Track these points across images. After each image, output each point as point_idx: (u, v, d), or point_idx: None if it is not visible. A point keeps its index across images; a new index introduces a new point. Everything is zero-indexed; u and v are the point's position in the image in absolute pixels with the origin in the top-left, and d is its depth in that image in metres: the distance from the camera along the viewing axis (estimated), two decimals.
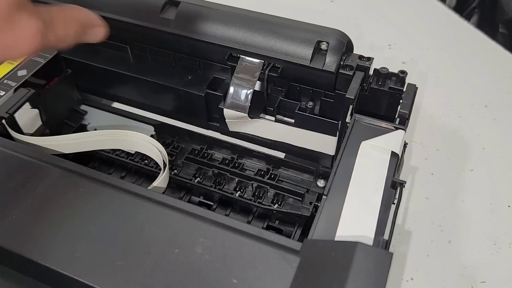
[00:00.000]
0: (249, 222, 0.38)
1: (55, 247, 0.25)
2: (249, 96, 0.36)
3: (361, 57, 0.34)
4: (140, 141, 0.37)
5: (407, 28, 0.65)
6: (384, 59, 0.60)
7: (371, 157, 0.29)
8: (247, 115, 0.37)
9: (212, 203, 0.39)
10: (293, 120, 0.38)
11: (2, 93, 0.36)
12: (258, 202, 0.38)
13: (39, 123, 0.39)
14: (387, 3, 0.70)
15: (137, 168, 0.41)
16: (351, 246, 0.22)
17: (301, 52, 0.34)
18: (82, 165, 0.29)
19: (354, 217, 0.26)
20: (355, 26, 0.65)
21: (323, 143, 0.38)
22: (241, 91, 0.36)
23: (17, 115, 0.36)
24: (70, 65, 0.42)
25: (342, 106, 0.34)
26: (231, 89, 0.36)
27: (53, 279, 0.24)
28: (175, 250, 0.24)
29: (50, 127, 0.41)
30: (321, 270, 0.23)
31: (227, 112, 0.37)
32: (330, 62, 0.34)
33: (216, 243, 0.24)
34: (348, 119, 0.34)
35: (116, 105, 0.47)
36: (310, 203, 0.37)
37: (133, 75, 0.41)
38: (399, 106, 0.33)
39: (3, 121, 0.35)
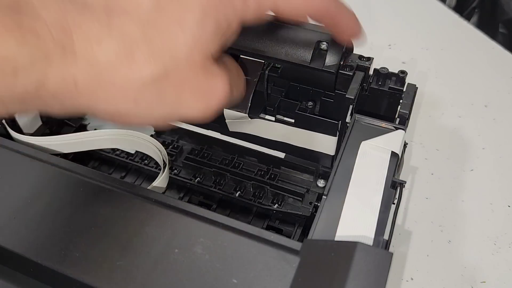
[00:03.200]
0: (249, 222, 0.38)
1: (55, 247, 0.25)
2: (250, 96, 0.36)
3: (361, 57, 0.34)
4: (140, 141, 0.37)
5: (407, 28, 0.65)
6: (384, 59, 0.60)
7: (371, 157, 0.29)
8: (247, 115, 0.37)
9: (212, 203, 0.39)
10: (293, 120, 0.38)
11: None
12: (258, 202, 0.38)
13: (39, 123, 0.39)
14: (387, 3, 0.70)
15: (137, 168, 0.41)
16: (351, 246, 0.22)
17: (301, 52, 0.34)
18: (82, 165, 0.29)
19: (354, 217, 0.26)
20: None
21: (323, 143, 0.38)
22: None
23: (17, 115, 0.36)
24: None
25: (342, 106, 0.34)
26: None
27: (53, 279, 0.24)
28: (175, 250, 0.24)
29: (50, 127, 0.41)
30: (321, 270, 0.23)
31: (227, 112, 0.37)
32: (330, 62, 0.34)
33: (216, 243, 0.24)
34: (348, 119, 0.34)
35: None
36: (310, 203, 0.37)
37: None
38: (399, 106, 0.33)
39: (3, 121, 0.35)
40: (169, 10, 0.22)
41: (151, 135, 0.39)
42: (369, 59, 0.34)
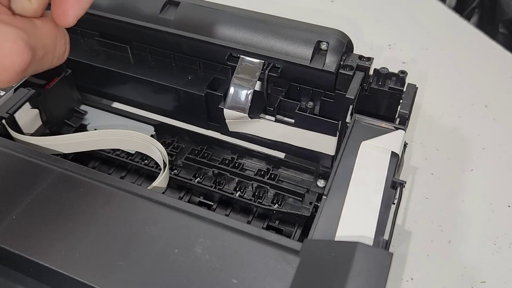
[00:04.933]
0: (249, 222, 0.38)
1: (55, 247, 0.25)
2: (249, 96, 0.36)
3: (361, 57, 0.34)
4: (140, 141, 0.37)
5: (407, 28, 0.65)
6: (384, 59, 0.60)
7: (371, 157, 0.29)
8: (247, 115, 0.37)
9: (212, 203, 0.39)
10: (293, 120, 0.38)
11: (2, 93, 0.36)
12: (258, 202, 0.38)
13: (39, 123, 0.39)
14: (387, 3, 0.70)
15: (137, 168, 0.41)
16: (351, 246, 0.22)
17: (301, 52, 0.34)
18: (82, 165, 0.29)
19: (354, 217, 0.26)
20: (355, 26, 0.65)
21: (323, 143, 0.38)
22: (241, 91, 0.36)
23: (17, 115, 0.36)
24: (70, 65, 0.42)
25: (342, 106, 0.34)
26: (231, 89, 0.36)
27: (53, 279, 0.24)
28: (175, 250, 0.24)
29: (50, 127, 0.41)
30: (321, 270, 0.23)
31: (227, 112, 0.37)
32: (330, 62, 0.34)
33: (216, 243, 0.24)
34: (348, 119, 0.34)
35: (116, 105, 0.47)
36: (310, 203, 0.37)
37: (133, 75, 0.41)
38: (399, 106, 0.33)
39: (3, 121, 0.35)
40: None
41: (151, 135, 0.39)
42: (369, 59, 0.34)
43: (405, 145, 0.33)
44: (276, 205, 0.38)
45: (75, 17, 0.23)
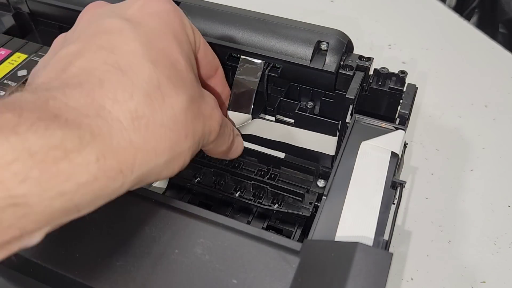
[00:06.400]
0: (249, 222, 0.38)
1: (55, 247, 0.25)
2: (253, 97, 0.36)
3: (361, 57, 0.34)
4: None
5: (407, 28, 0.65)
6: (384, 59, 0.60)
7: (371, 157, 0.29)
8: (250, 115, 0.36)
9: (212, 203, 0.39)
10: (293, 120, 0.38)
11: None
12: (258, 202, 0.38)
13: None
14: (387, 3, 0.70)
15: None
16: (351, 247, 0.22)
17: (301, 52, 0.34)
18: None
19: (354, 218, 0.26)
20: (355, 26, 0.65)
21: (323, 143, 0.38)
22: (244, 92, 0.36)
23: None
24: None
25: (342, 106, 0.34)
26: (234, 91, 0.36)
27: (53, 279, 0.24)
28: (175, 251, 0.24)
29: None
30: (321, 271, 0.22)
31: (231, 114, 0.37)
32: (330, 62, 0.34)
33: (216, 243, 0.24)
34: (348, 119, 0.34)
35: None
36: (310, 203, 0.37)
37: None
38: (399, 106, 0.33)
39: None
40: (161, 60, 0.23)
41: None
42: (369, 59, 0.34)
43: (405, 145, 0.33)
44: (276, 205, 0.38)
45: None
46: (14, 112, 0.17)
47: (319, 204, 0.30)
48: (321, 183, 0.39)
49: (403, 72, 0.33)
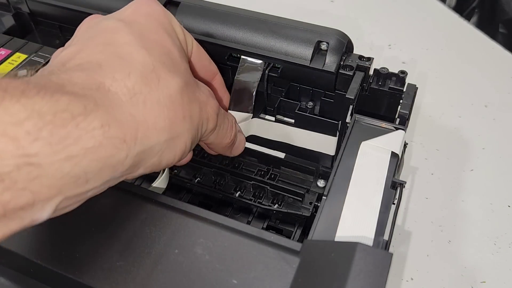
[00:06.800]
0: (249, 222, 0.38)
1: (55, 247, 0.25)
2: (253, 97, 0.36)
3: (361, 57, 0.34)
4: None
5: (407, 28, 0.65)
6: (384, 59, 0.60)
7: (371, 157, 0.29)
8: (251, 114, 0.36)
9: (212, 204, 0.39)
10: (293, 120, 0.38)
11: None
12: (258, 202, 0.38)
13: None
14: (387, 3, 0.70)
15: None
16: (351, 247, 0.22)
17: (301, 52, 0.34)
18: None
19: (354, 218, 0.26)
20: (355, 26, 0.65)
21: (323, 143, 0.38)
22: (244, 92, 0.36)
23: None
24: None
25: (342, 106, 0.34)
26: (235, 90, 0.36)
27: (53, 279, 0.24)
28: (175, 251, 0.24)
29: None
30: (321, 271, 0.23)
31: (232, 113, 0.37)
32: (330, 62, 0.34)
33: (216, 243, 0.24)
34: (348, 119, 0.34)
35: None
36: (310, 203, 0.37)
37: None
38: (399, 106, 0.33)
39: None
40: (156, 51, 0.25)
41: None
42: (369, 59, 0.34)
43: (405, 145, 0.33)
44: (276, 205, 0.38)
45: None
46: (22, 81, 0.18)
47: (319, 204, 0.30)
48: (321, 183, 0.39)
49: (403, 72, 0.33)
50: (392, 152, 0.29)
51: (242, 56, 0.36)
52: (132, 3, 0.27)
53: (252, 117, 0.37)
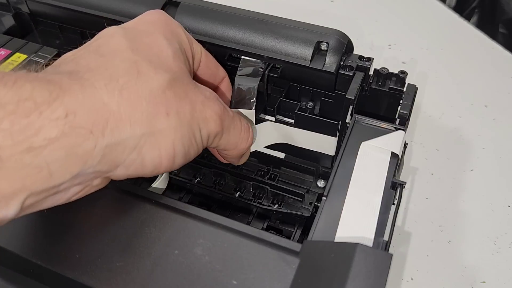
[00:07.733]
0: (248, 223, 0.38)
1: (55, 248, 0.25)
2: (255, 92, 0.36)
3: (361, 57, 0.34)
4: None
5: (407, 28, 0.65)
6: (384, 59, 0.60)
7: (371, 157, 0.29)
8: (254, 110, 0.36)
9: (211, 204, 0.39)
10: (293, 120, 0.38)
11: None
12: (258, 203, 0.38)
13: None
14: (387, 3, 0.70)
15: None
16: (351, 247, 0.22)
17: (301, 53, 0.34)
18: None
19: (354, 218, 0.26)
20: (355, 26, 0.65)
21: (323, 143, 0.38)
22: (245, 88, 0.36)
23: None
24: None
25: (342, 107, 0.34)
26: (236, 89, 0.36)
27: (53, 280, 0.24)
28: (174, 251, 0.24)
29: None
30: (321, 271, 0.22)
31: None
32: (330, 63, 0.34)
33: (216, 244, 0.24)
34: (348, 120, 0.34)
35: None
36: (310, 203, 0.37)
37: None
38: (399, 107, 0.33)
39: None
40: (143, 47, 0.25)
41: None
42: (369, 59, 0.34)
43: (405, 145, 0.33)
44: (276, 205, 0.38)
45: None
46: None
47: (319, 205, 0.30)
48: (321, 183, 0.39)
49: (403, 72, 0.33)
50: (392, 152, 0.29)
51: (243, 57, 0.36)
52: (143, 13, 0.28)
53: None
